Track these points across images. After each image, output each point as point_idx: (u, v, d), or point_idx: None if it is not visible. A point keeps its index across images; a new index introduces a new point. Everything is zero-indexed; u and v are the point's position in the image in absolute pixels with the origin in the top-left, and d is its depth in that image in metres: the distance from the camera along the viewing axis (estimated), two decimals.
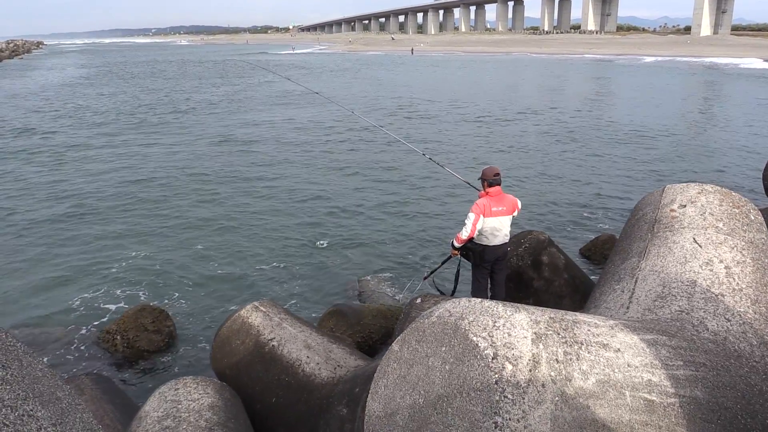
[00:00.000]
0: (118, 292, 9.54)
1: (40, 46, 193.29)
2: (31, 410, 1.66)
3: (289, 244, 11.60)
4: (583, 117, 29.20)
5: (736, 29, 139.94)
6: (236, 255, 11.04)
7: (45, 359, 7.53)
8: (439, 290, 7.39)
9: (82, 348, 7.89)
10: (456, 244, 6.68)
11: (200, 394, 4.63)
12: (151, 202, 14.46)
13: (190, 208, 13.93)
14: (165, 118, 28.81)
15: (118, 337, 7.60)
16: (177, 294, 9.48)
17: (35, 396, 1.74)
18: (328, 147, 21.61)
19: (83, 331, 8.31)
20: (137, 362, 7.52)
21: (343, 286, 9.77)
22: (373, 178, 16.84)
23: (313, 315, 8.50)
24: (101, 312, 8.88)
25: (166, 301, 9.19)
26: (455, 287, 7.23)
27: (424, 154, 8.88)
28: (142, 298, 9.20)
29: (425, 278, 7.93)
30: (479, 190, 6.77)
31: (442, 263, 7.61)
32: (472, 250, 6.64)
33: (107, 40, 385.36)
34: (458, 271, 7.24)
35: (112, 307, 9.01)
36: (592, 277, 8.53)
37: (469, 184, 7.69)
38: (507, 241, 6.70)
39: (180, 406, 4.43)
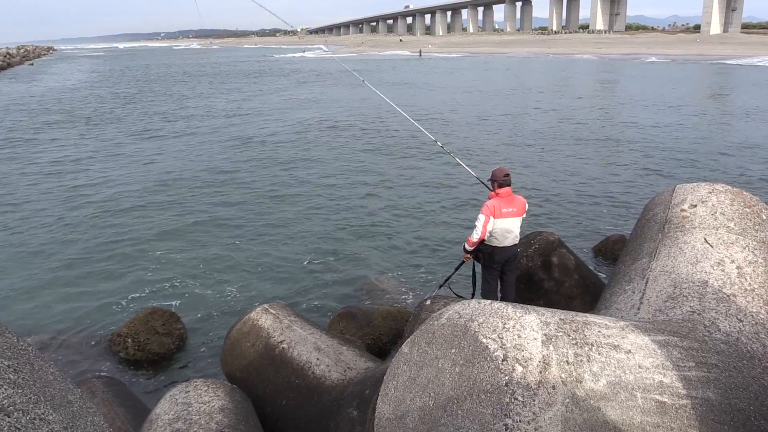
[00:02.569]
0: (129, 295, 9.59)
1: (51, 51, 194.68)
2: (43, 414, 1.67)
3: (298, 247, 11.61)
4: (593, 116, 29.09)
5: (746, 27, 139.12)
6: (246, 258, 11.07)
7: (56, 363, 7.58)
8: (457, 296, 7.31)
9: (93, 351, 7.93)
10: (468, 247, 6.62)
11: (211, 396, 4.65)
12: (161, 206, 14.53)
13: (200, 212, 13.99)
14: (181, 123, 28.98)
15: (129, 340, 7.64)
16: (187, 297, 9.52)
17: (47, 400, 1.75)
18: (338, 147, 21.66)
19: (94, 335, 8.35)
20: (148, 365, 7.55)
21: (353, 288, 9.77)
22: (383, 178, 16.84)
23: (324, 317, 8.51)
24: (112, 315, 8.92)
25: (177, 303, 9.22)
26: (474, 290, 7.13)
27: (436, 141, 8.78)
28: (152, 301, 9.24)
29: (440, 286, 7.86)
30: (490, 190, 6.73)
31: (456, 269, 7.53)
32: (482, 251, 6.60)
33: (124, 45, 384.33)
34: (474, 273, 7.16)
35: (123, 310, 9.05)
36: (602, 277, 8.49)
37: (480, 180, 7.62)
38: (517, 242, 6.66)
39: (191, 409, 4.45)
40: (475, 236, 6.40)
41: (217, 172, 17.99)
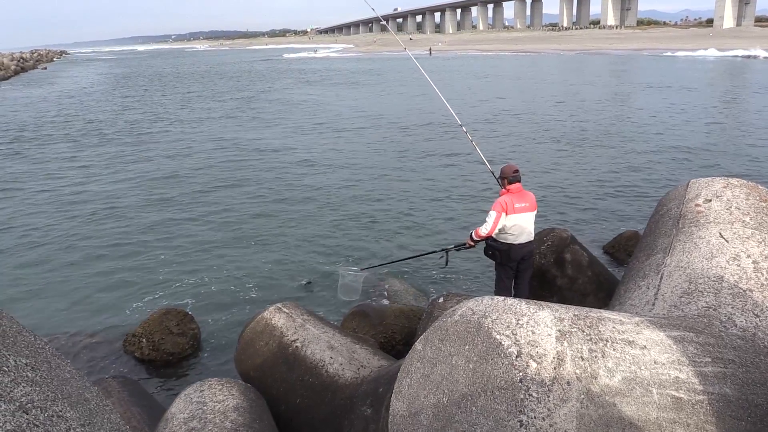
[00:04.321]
0: (143, 295, 9.65)
1: (63, 55, 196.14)
2: (61, 411, 1.69)
3: (311, 246, 11.64)
4: (605, 111, 28.91)
5: (760, 21, 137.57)
6: (259, 257, 11.11)
7: (71, 363, 7.64)
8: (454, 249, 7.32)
9: (108, 351, 7.99)
10: (474, 237, 6.60)
11: (225, 395, 4.67)
12: (175, 206, 14.62)
13: (213, 212, 14.05)
14: (191, 120, 29.14)
15: (144, 340, 7.69)
16: (201, 297, 9.57)
17: (64, 397, 1.77)
18: (352, 146, 21.67)
19: (109, 335, 8.42)
20: (162, 365, 7.60)
21: (366, 287, 9.77)
22: (396, 178, 16.84)
23: (337, 316, 8.52)
24: (126, 316, 8.99)
25: (191, 303, 9.27)
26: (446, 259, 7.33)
27: (460, 125, 8.72)
28: (166, 302, 9.30)
29: (443, 251, 7.67)
30: (501, 187, 6.71)
31: (456, 247, 7.37)
32: (498, 249, 6.55)
33: (144, 47, 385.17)
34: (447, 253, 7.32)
35: (137, 310, 9.12)
36: (616, 273, 8.43)
37: (493, 174, 7.54)
38: (532, 239, 6.62)
39: (205, 408, 4.47)
40: (484, 231, 6.38)
41: (228, 172, 18.07)
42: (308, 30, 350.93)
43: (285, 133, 25.31)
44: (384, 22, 16.47)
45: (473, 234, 6.59)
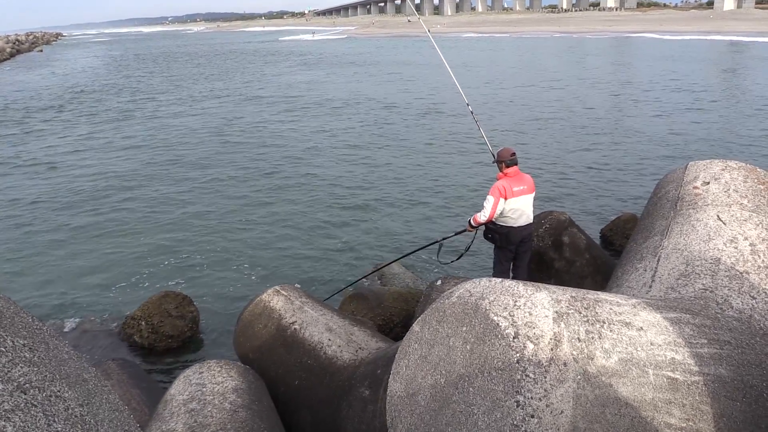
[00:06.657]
0: (141, 278, 9.67)
1: (59, 37, 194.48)
2: (59, 391, 1.69)
3: (310, 229, 11.64)
4: (603, 94, 28.80)
5: (761, 3, 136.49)
6: (257, 241, 11.12)
7: (70, 345, 7.67)
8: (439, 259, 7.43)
9: (107, 334, 8.02)
10: (473, 224, 6.62)
11: (224, 377, 4.69)
12: (172, 190, 14.59)
13: (211, 195, 14.04)
14: (189, 107, 28.99)
15: (143, 322, 7.71)
16: (199, 280, 9.59)
17: (62, 377, 1.77)
18: (353, 128, 21.60)
19: (107, 318, 8.45)
20: (161, 347, 7.63)
21: (364, 270, 9.79)
22: (395, 163, 16.80)
23: (335, 298, 8.55)
24: (125, 298, 9.01)
25: (189, 286, 9.29)
26: (459, 256, 7.41)
27: (467, 104, 8.69)
28: (165, 285, 9.31)
29: (439, 241, 7.67)
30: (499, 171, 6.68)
31: (455, 234, 7.39)
32: (498, 232, 6.55)
33: (149, 29, 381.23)
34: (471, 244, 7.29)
35: (136, 293, 9.13)
36: (613, 256, 8.44)
37: (494, 156, 7.49)
38: (531, 221, 6.61)
39: (205, 389, 4.49)
40: (482, 217, 6.38)
41: (226, 154, 18.01)
42: (306, 12, 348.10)
43: (283, 115, 25.21)
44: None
45: (471, 221, 6.60)
